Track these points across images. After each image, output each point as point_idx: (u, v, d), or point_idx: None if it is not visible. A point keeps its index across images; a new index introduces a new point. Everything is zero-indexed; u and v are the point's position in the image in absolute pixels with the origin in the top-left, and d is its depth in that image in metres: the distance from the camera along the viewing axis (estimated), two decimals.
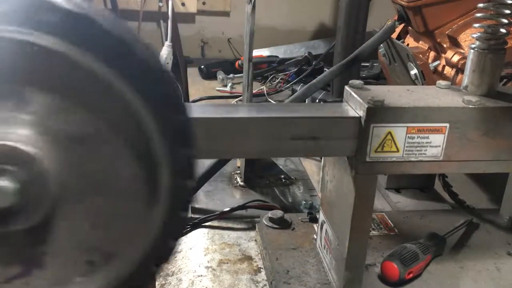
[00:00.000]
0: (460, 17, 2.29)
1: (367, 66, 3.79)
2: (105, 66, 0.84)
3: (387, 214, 1.92)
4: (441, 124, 1.30)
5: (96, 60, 0.83)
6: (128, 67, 0.85)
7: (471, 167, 1.38)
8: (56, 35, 0.82)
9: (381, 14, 3.32)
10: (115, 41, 0.84)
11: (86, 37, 0.83)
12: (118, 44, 0.84)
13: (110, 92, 0.86)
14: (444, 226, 1.78)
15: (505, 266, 1.64)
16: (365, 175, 1.33)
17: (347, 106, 1.36)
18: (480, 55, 1.39)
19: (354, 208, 1.35)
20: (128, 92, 0.85)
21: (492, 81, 1.40)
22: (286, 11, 4.37)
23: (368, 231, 1.47)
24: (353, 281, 1.46)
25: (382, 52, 2.41)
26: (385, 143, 1.29)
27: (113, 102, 0.87)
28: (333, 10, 4.62)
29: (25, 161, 0.86)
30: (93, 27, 0.83)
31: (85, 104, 0.87)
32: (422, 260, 1.56)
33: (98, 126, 0.88)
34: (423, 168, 1.35)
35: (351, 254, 1.41)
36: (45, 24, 0.81)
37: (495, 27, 1.37)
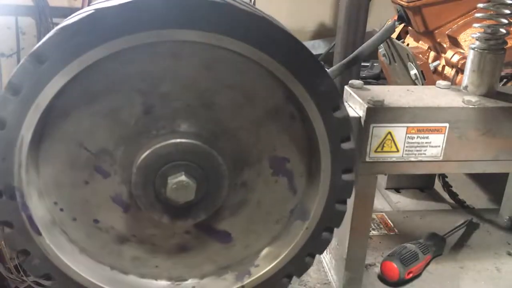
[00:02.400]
0: (460, 17, 2.29)
1: (367, 66, 3.79)
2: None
3: (387, 214, 1.93)
4: (441, 124, 1.30)
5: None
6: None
7: (471, 167, 1.38)
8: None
9: (381, 14, 3.33)
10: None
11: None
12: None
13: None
14: (444, 226, 1.78)
15: (505, 266, 1.64)
16: (365, 175, 1.33)
17: (347, 106, 1.36)
18: (480, 55, 1.39)
19: (354, 208, 1.35)
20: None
21: (492, 81, 1.40)
22: (286, 11, 4.37)
23: (368, 231, 1.47)
24: (353, 281, 1.46)
25: (382, 52, 2.41)
26: (385, 143, 1.29)
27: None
28: (333, 10, 4.62)
29: (205, 158, 0.97)
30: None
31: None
32: (422, 260, 1.55)
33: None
34: (423, 168, 1.35)
35: (351, 254, 1.41)
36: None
37: (495, 27, 1.37)
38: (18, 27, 3.33)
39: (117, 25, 0.86)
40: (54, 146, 0.98)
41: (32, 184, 0.97)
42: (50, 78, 0.88)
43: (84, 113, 0.95)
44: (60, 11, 3.31)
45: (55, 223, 1.02)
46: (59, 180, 1.01)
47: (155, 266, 1.10)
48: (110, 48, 0.88)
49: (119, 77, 0.94)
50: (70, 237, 1.04)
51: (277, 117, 1.00)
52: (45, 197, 1.01)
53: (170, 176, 0.96)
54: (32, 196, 0.97)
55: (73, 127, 0.96)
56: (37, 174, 0.99)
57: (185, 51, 0.93)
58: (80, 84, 0.92)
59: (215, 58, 0.94)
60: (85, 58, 0.88)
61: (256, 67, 0.94)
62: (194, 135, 0.97)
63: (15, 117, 0.89)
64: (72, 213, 1.03)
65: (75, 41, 0.86)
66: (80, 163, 0.99)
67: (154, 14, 0.86)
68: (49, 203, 1.02)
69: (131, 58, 0.92)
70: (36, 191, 0.99)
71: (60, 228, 1.03)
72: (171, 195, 0.96)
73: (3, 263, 2.53)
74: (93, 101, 0.95)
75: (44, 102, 0.90)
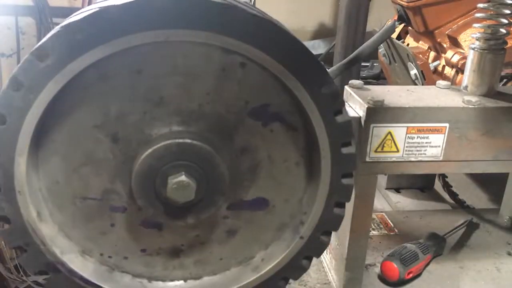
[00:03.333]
0: (460, 17, 2.30)
1: (367, 66, 3.80)
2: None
3: (387, 214, 1.93)
4: (441, 124, 1.31)
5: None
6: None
7: (471, 167, 1.38)
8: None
9: (381, 14, 3.33)
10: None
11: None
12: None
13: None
14: (444, 226, 1.78)
15: (505, 266, 1.64)
16: (365, 175, 1.33)
17: (347, 106, 1.36)
18: (480, 55, 1.39)
19: (354, 208, 1.35)
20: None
21: (492, 81, 1.40)
22: (286, 11, 4.37)
23: (368, 231, 1.47)
24: (353, 281, 1.46)
25: (382, 52, 2.41)
26: (385, 143, 1.30)
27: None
28: (333, 10, 4.62)
29: (204, 157, 0.96)
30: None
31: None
32: (422, 260, 1.56)
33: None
34: (423, 168, 1.35)
35: (351, 254, 1.41)
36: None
37: (495, 27, 1.37)
38: (18, 27, 3.32)
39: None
40: (69, 209, 1.03)
41: (71, 248, 1.04)
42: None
43: (71, 174, 1.00)
44: (60, 11, 3.31)
45: (113, 269, 1.09)
46: (91, 235, 1.05)
47: (219, 259, 1.11)
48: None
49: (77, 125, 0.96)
50: (132, 273, 1.10)
51: (229, 72, 0.98)
52: (88, 255, 1.07)
53: (171, 175, 0.96)
54: (73, 260, 1.04)
55: (70, 189, 1.01)
56: (70, 239, 1.04)
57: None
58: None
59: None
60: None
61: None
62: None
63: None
64: (121, 254, 1.08)
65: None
66: (95, 213, 1.03)
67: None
68: (96, 257, 1.07)
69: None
70: (76, 253, 1.05)
71: (119, 271, 1.09)
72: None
73: (3, 263, 2.53)
74: (69, 163, 0.99)
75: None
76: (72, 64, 0.88)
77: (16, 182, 0.94)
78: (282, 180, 1.06)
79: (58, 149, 0.97)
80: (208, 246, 1.10)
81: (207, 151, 0.96)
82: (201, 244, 1.09)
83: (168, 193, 0.95)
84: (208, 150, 0.96)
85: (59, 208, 1.02)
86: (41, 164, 0.98)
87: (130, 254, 1.08)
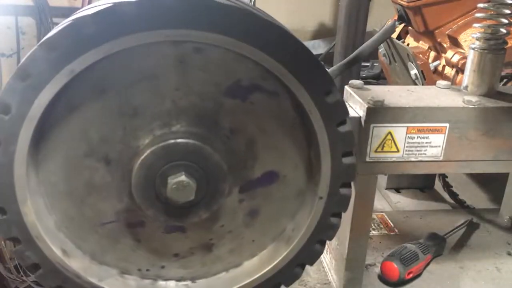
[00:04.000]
0: (460, 17, 2.29)
1: (367, 66, 3.80)
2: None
3: (387, 214, 1.93)
4: (441, 124, 1.30)
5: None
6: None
7: (471, 167, 1.38)
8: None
9: (381, 14, 3.33)
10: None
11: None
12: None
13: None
14: (444, 226, 1.78)
15: (505, 266, 1.64)
16: (365, 175, 1.33)
17: (347, 106, 1.36)
18: (480, 55, 1.39)
19: (354, 208, 1.35)
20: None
21: (492, 81, 1.40)
22: (286, 11, 4.37)
23: (368, 231, 1.47)
24: (353, 281, 1.46)
25: (382, 52, 2.41)
26: (385, 143, 1.29)
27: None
28: (333, 10, 4.62)
29: (194, 152, 0.96)
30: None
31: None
32: (422, 260, 1.55)
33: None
34: (423, 168, 1.35)
35: (351, 254, 1.41)
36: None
37: (495, 27, 1.37)
38: (18, 27, 3.32)
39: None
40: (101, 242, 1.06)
41: (108, 273, 1.07)
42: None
43: (81, 206, 1.02)
44: (60, 11, 3.31)
45: (155, 280, 1.11)
46: (122, 255, 1.07)
47: (252, 242, 1.11)
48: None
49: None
50: (175, 279, 1.12)
51: (187, 61, 0.97)
52: (127, 274, 1.09)
53: (168, 178, 0.96)
54: (114, 283, 1.07)
55: (86, 220, 1.03)
56: (105, 265, 1.07)
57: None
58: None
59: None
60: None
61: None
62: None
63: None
64: (157, 264, 1.10)
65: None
66: (117, 234, 1.05)
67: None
68: (135, 273, 1.09)
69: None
70: (115, 276, 1.08)
71: (162, 280, 1.11)
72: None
73: (3, 263, 2.53)
74: (75, 197, 1.01)
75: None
76: (36, 105, 0.88)
77: (30, 230, 0.96)
78: (282, 147, 1.04)
79: (61, 188, 1.00)
80: (236, 232, 1.09)
81: (194, 146, 0.95)
82: (229, 232, 1.09)
83: (169, 195, 0.95)
84: (195, 144, 0.95)
85: (83, 240, 1.04)
86: (51, 207, 1.00)
87: (165, 261, 1.10)
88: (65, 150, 0.97)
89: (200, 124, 0.98)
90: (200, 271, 1.12)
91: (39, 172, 0.97)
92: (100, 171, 0.99)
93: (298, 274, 1.11)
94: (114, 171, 0.99)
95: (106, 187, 1.00)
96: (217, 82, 0.96)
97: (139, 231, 1.06)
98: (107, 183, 1.00)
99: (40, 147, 0.95)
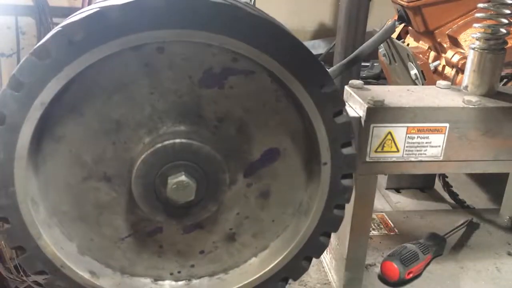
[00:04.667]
0: (460, 17, 2.30)
1: (367, 66, 3.79)
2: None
3: (387, 214, 1.92)
4: (441, 124, 1.30)
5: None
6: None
7: (471, 167, 1.38)
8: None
9: (381, 14, 3.33)
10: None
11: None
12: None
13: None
14: (444, 226, 1.78)
15: (505, 266, 1.64)
16: (365, 175, 1.33)
17: (347, 106, 1.36)
18: (480, 55, 1.39)
19: (354, 208, 1.35)
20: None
21: (492, 81, 1.40)
22: (286, 11, 4.37)
23: (368, 231, 1.47)
24: (353, 281, 1.46)
25: (382, 52, 2.41)
26: (385, 143, 1.29)
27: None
28: (333, 10, 4.62)
29: (185, 151, 0.95)
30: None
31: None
32: (422, 260, 1.55)
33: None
34: (423, 168, 1.35)
35: (351, 254, 1.41)
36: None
37: (495, 27, 1.37)
38: (18, 27, 3.33)
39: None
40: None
41: (142, 283, 1.09)
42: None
43: (98, 228, 1.04)
44: (60, 11, 3.31)
45: (189, 280, 1.12)
46: (151, 264, 1.09)
47: (272, 221, 1.10)
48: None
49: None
50: (208, 275, 1.12)
51: (152, 63, 0.96)
52: (161, 280, 1.11)
53: (166, 181, 0.97)
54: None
55: (106, 239, 1.05)
56: (137, 276, 1.09)
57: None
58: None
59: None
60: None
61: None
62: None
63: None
64: (186, 264, 1.11)
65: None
66: (140, 245, 1.06)
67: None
68: (168, 278, 1.11)
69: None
70: (149, 284, 1.10)
71: (195, 278, 1.12)
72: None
73: (3, 263, 2.53)
74: (89, 221, 1.04)
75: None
76: (20, 146, 0.90)
77: (53, 261, 0.99)
78: (274, 122, 1.02)
79: (73, 214, 1.02)
80: (253, 217, 1.09)
81: (181, 144, 0.94)
82: (246, 218, 1.09)
83: (170, 195, 0.95)
84: (182, 142, 0.94)
85: (109, 258, 1.06)
86: (69, 234, 1.02)
87: (193, 260, 1.11)
88: (64, 179, 0.98)
89: (184, 121, 0.98)
90: (230, 261, 1.12)
91: (47, 205, 0.99)
92: (104, 190, 1.00)
93: (326, 243, 1.10)
94: (117, 187, 1.00)
95: (115, 203, 1.01)
96: (188, 76, 0.95)
97: (159, 237, 1.07)
98: (114, 199, 1.01)
99: (40, 183, 0.97)
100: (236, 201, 1.06)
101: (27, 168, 0.92)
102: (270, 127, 1.02)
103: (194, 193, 0.95)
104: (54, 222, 1.00)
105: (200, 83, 0.95)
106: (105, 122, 0.95)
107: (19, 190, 0.92)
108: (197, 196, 0.96)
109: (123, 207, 1.02)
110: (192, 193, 0.95)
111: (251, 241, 1.11)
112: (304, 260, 1.11)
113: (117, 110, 0.95)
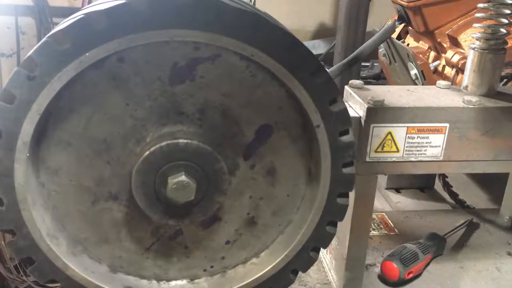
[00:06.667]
0: (460, 17, 2.29)
1: (367, 66, 3.79)
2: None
3: (387, 214, 1.93)
4: (441, 124, 1.30)
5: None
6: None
7: (471, 167, 1.38)
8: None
9: (381, 14, 3.33)
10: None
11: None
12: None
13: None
14: (444, 226, 1.78)
15: (505, 266, 1.64)
16: (365, 175, 1.33)
17: (347, 106, 1.36)
18: (480, 55, 1.39)
19: (354, 208, 1.35)
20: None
21: (492, 81, 1.40)
22: (286, 11, 4.37)
23: (368, 231, 1.47)
24: (353, 281, 1.46)
25: (382, 52, 2.41)
26: (385, 143, 1.29)
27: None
28: (333, 10, 4.62)
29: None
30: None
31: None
32: (422, 260, 1.55)
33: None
34: (423, 168, 1.35)
35: (351, 254, 1.41)
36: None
37: (495, 27, 1.37)
38: (18, 27, 3.33)
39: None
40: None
41: (181, 285, 1.11)
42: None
43: (120, 244, 1.06)
44: (60, 11, 3.32)
45: (224, 271, 1.13)
46: (184, 265, 1.11)
47: (287, 196, 1.09)
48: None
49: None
50: (241, 262, 1.13)
51: (117, 75, 0.95)
52: (197, 278, 1.12)
53: (165, 183, 0.97)
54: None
55: (132, 253, 1.07)
56: (174, 280, 1.11)
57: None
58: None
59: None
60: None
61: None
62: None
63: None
64: (217, 259, 1.12)
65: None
66: (166, 250, 1.08)
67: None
68: (203, 275, 1.12)
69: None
70: (187, 283, 1.12)
71: (230, 269, 1.13)
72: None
73: (3, 263, 2.53)
74: (110, 240, 1.05)
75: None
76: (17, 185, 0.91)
77: (89, 286, 1.01)
78: (256, 98, 1.00)
79: (94, 239, 1.03)
80: (267, 196, 1.08)
81: (168, 146, 0.94)
82: (261, 199, 1.08)
83: (170, 195, 0.95)
84: (168, 144, 0.94)
85: (141, 269, 1.08)
86: (97, 257, 1.05)
87: (222, 252, 1.11)
88: (74, 208, 1.00)
89: (167, 122, 0.97)
90: (258, 245, 1.12)
91: (66, 237, 1.01)
92: (115, 208, 1.01)
93: (346, 203, 1.08)
94: (126, 202, 1.01)
95: (129, 218, 1.03)
96: (157, 77, 0.94)
97: (182, 239, 1.07)
98: (127, 214, 1.02)
99: (53, 217, 0.99)
100: (245, 185, 1.06)
101: (34, 207, 0.93)
102: (254, 104, 1.00)
103: (194, 190, 0.95)
104: (80, 250, 1.02)
105: (170, 81, 0.95)
106: (94, 144, 0.96)
107: (32, 229, 0.94)
108: (200, 191, 0.96)
109: (137, 219, 1.03)
110: (193, 190, 0.95)
111: (273, 220, 1.10)
112: (329, 224, 1.09)
113: (101, 129, 0.95)
